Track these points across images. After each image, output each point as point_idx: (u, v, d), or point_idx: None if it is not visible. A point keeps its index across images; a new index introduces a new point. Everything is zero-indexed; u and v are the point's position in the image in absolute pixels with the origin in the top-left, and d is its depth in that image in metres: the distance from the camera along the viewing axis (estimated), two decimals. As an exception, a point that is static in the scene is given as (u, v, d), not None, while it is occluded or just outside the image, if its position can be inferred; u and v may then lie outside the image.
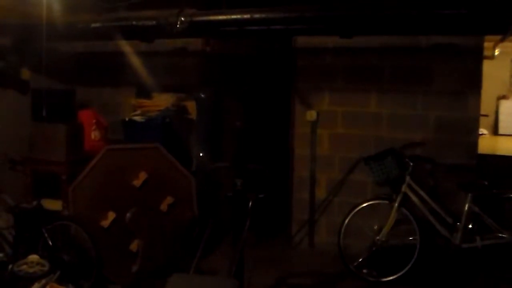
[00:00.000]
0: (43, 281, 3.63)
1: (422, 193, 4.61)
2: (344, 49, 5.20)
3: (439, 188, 4.92)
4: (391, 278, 4.57)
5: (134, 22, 4.64)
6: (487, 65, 5.17)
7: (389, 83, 5.14)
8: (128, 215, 4.42)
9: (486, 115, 7.26)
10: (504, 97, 9.15)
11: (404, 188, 4.61)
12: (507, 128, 8.83)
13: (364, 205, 4.74)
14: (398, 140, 5.03)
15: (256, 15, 4.21)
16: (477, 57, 4.91)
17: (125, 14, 4.82)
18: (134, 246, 4.53)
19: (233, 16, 4.29)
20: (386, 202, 4.69)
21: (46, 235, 4.16)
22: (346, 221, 4.73)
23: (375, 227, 4.74)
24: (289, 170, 5.49)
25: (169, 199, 4.68)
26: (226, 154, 5.56)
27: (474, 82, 4.89)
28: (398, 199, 4.60)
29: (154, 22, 4.53)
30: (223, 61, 5.62)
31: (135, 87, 5.90)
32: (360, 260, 4.73)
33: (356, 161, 5.21)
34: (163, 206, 4.66)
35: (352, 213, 4.73)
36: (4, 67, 5.19)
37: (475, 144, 4.95)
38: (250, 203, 3.85)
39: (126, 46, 5.59)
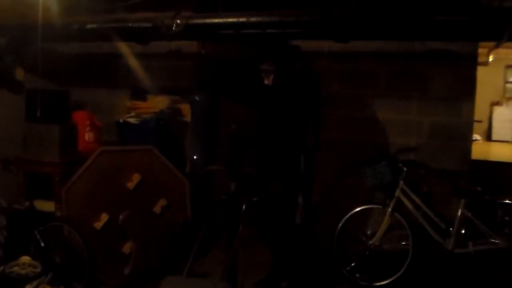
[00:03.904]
0: (35, 283, 3.61)
1: (415, 198, 4.61)
2: (340, 53, 5.21)
3: (432, 193, 4.92)
4: (383, 283, 4.56)
5: (130, 24, 4.63)
6: (481, 72, 5.19)
7: (384, 88, 5.16)
8: (121, 217, 4.40)
9: (479, 121, 7.30)
10: (497, 103, 9.23)
11: (397, 193, 4.62)
12: (500, 134, 8.90)
13: (358, 209, 4.74)
14: (392, 145, 5.04)
15: (252, 19, 4.21)
16: (471, 63, 4.94)
17: (122, 15, 4.81)
18: (127, 248, 4.52)
19: (229, 20, 4.30)
20: (380, 207, 4.69)
21: (38, 236, 4.15)
22: (340, 225, 4.73)
23: (368, 232, 4.75)
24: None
25: (162, 202, 4.67)
26: (220, 157, 5.55)
27: (468, 88, 4.92)
28: (392, 204, 4.61)
29: (150, 24, 4.53)
30: (218, 64, 5.62)
31: (130, 89, 5.89)
32: (353, 264, 4.73)
33: (350, 166, 5.22)
34: (157, 209, 4.66)
35: (346, 217, 4.73)
36: (-2, 67, 5.18)
37: (468, 150, 4.97)
38: (244, 207, 3.86)
39: (121, 48, 5.58)
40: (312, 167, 4.67)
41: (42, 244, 4.14)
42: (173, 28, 4.39)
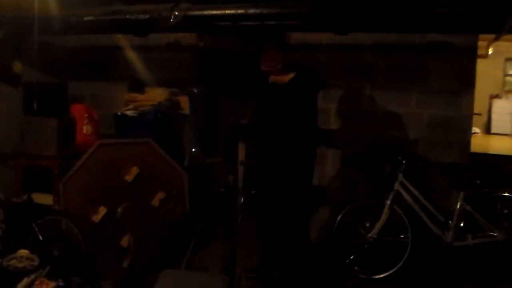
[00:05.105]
0: (33, 276, 3.62)
1: (414, 191, 4.61)
2: (339, 46, 5.19)
3: (431, 186, 4.92)
4: (382, 275, 4.57)
5: (127, 16, 4.60)
6: (480, 64, 5.18)
7: (383, 81, 5.14)
8: (119, 210, 4.39)
9: (479, 114, 7.29)
10: (497, 96, 9.22)
11: (396, 186, 4.61)
12: (500, 127, 8.90)
13: (357, 202, 4.74)
14: (391, 138, 5.03)
15: (251, 10, 4.19)
16: (471, 55, 4.91)
17: (119, 7, 4.78)
18: (125, 241, 4.51)
19: (227, 11, 4.27)
20: (379, 199, 4.68)
21: (36, 229, 4.14)
22: (338, 218, 4.72)
23: (367, 225, 4.74)
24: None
25: (161, 195, 4.67)
26: (219, 150, 5.53)
27: (467, 80, 4.90)
28: (391, 197, 4.60)
29: (147, 16, 4.50)
30: (217, 56, 5.60)
31: (128, 82, 5.87)
32: (352, 257, 4.73)
33: (349, 158, 5.21)
34: (155, 202, 4.65)
35: (345, 210, 4.72)
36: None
37: (468, 143, 4.96)
38: (242, 199, 3.84)
39: (119, 40, 5.55)
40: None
41: (40, 238, 4.12)
42: (171, 19, 4.35)
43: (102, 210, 4.48)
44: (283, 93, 4.27)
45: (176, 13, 4.35)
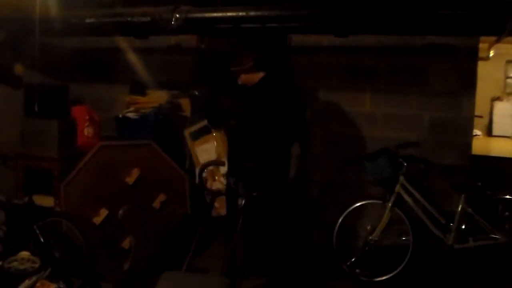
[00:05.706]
0: (34, 278, 3.61)
1: (415, 193, 4.60)
2: (339, 48, 5.19)
3: (432, 188, 4.91)
4: (384, 278, 4.56)
5: (128, 18, 4.61)
6: (481, 66, 5.18)
7: (384, 83, 5.14)
8: (120, 212, 4.39)
9: (480, 116, 7.28)
10: (498, 98, 9.20)
11: (397, 188, 4.61)
12: (501, 130, 8.88)
13: (358, 205, 4.73)
14: (392, 140, 5.02)
15: (251, 13, 4.20)
16: (472, 58, 4.91)
17: (120, 10, 4.79)
18: (126, 243, 4.51)
19: (228, 14, 4.28)
20: (380, 202, 4.68)
21: (37, 231, 4.14)
22: (340, 220, 4.72)
23: (368, 227, 4.74)
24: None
25: (162, 197, 4.66)
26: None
27: (468, 83, 4.90)
28: (392, 199, 4.60)
29: (148, 19, 4.51)
30: (218, 58, 5.60)
31: (129, 84, 5.87)
32: (353, 259, 4.73)
33: (350, 161, 5.20)
34: (156, 204, 4.65)
35: (346, 212, 4.72)
36: (-4, 61, 5.15)
37: (469, 145, 4.96)
38: (243, 202, 3.84)
39: (120, 43, 5.56)
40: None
41: (41, 239, 4.12)
42: (172, 22, 4.36)
43: (103, 212, 4.48)
44: (252, 95, 4.31)
45: (177, 15, 4.36)
